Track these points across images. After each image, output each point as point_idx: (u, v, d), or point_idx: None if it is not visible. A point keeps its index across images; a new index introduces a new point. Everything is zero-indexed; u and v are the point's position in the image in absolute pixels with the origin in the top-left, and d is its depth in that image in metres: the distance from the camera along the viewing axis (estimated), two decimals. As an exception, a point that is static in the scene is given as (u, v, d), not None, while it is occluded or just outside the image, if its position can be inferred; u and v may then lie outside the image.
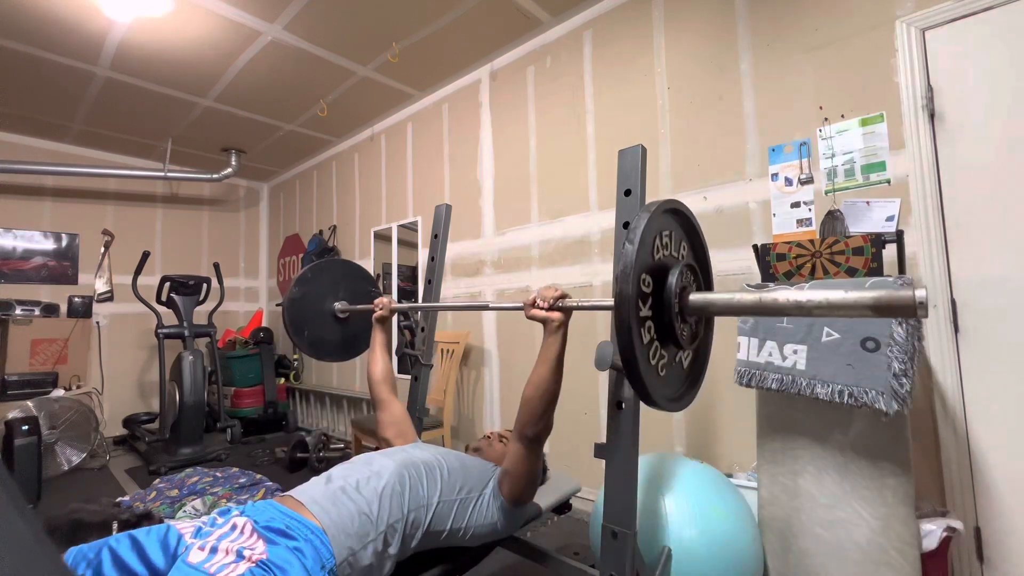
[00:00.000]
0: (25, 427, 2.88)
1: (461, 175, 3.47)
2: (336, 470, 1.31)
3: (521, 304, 1.33)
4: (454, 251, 3.41)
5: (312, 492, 1.20)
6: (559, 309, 1.26)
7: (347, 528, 1.11)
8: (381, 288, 4.17)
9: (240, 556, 0.99)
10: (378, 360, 1.77)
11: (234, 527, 1.07)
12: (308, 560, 1.01)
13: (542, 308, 1.26)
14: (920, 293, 0.69)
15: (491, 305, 1.53)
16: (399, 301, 3.91)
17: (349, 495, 1.18)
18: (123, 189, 4.81)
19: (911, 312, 0.70)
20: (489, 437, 1.69)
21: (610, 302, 1.12)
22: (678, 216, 1.08)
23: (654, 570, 1.29)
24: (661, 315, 0.95)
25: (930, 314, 1.69)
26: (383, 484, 1.22)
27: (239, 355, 4.56)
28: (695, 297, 0.96)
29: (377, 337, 1.81)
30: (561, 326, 1.26)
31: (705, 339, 1.14)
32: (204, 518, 1.14)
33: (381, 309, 1.80)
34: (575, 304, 1.26)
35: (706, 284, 1.12)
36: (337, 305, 1.98)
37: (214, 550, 1.00)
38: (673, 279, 0.95)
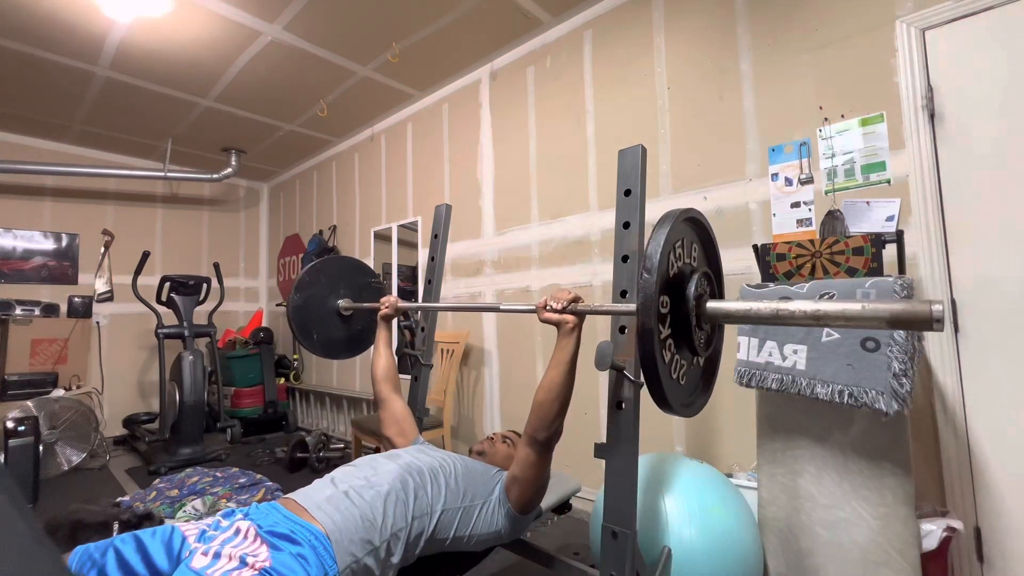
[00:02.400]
0: (21, 427, 2.86)
1: (461, 175, 3.47)
2: (339, 472, 1.30)
3: (532, 306, 1.32)
4: (454, 251, 3.41)
5: (315, 496, 1.18)
6: (574, 312, 1.25)
7: (350, 534, 1.10)
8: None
9: (243, 563, 0.98)
10: (382, 357, 1.77)
11: (237, 531, 1.07)
12: (312, 567, 1.01)
13: (555, 310, 1.25)
14: (937, 308, 0.69)
15: (502, 307, 1.50)
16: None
17: (353, 500, 1.17)
18: (123, 189, 4.81)
19: (927, 326, 0.69)
20: (492, 438, 1.67)
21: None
22: (693, 223, 1.09)
23: (654, 570, 1.29)
24: (679, 325, 0.96)
25: (930, 314, 1.69)
26: (387, 490, 1.21)
27: (239, 355, 4.56)
28: (712, 305, 0.97)
29: (381, 335, 1.81)
30: (575, 328, 1.25)
31: (718, 344, 1.15)
32: (208, 520, 1.14)
33: (387, 307, 1.79)
34: (589, 308, 1.25)
35: (719, 288, 1.13)
36: (341, 303, 1.98)
37: (217, 555, 1.00)
38: (691, 289, 0.95)
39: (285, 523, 1.09)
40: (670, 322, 0.95)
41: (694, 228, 1.09)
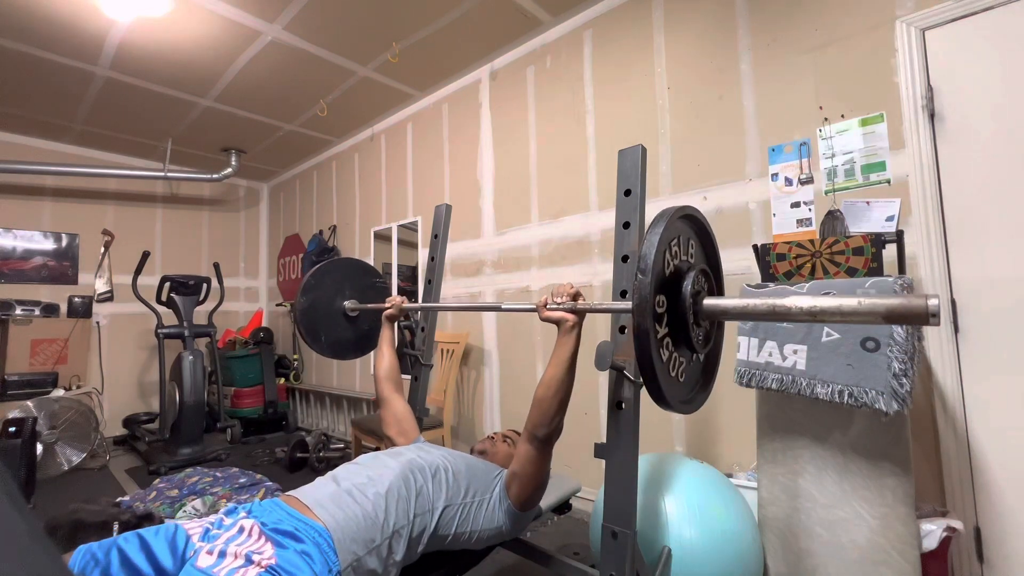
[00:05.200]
0: (12, 428, 2.81)
1: (461, 175, 3.47)
2: (341, 470, 1.30)
3: (533, 305, 1.32)
4: (454, 251, 3.41)
5: (317, 494, 1.18)
6: (573, 311, 1.25)
7: (352, 533, 1.10)
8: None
9: (249, 560, 0.98)
10: (384, 357, 1.77)
11: (241, 529, 1.07)
12: (316, 564, 1.01)
13: (557, 307, 1.25)
14: (933, 302, 0.69)
15: (504, 306, 1.49)
16: (399, 301, 3.92)
17: (355, 498, 1.17)
18: (123, 189, 4.81)
19: (924, 320, 0.70)
20: (493, 438, 1.67)
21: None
22: (690, 220, 1.08)
23: (654, 570, 1.29)
24: (676, 323, 0.95)
25: (930, 314, 1.69)
26: (389, 488, 1.21)
27: (239, 355, 4.56)
28: (709, 303, 0.96)
29: (385, 334, 1.82)
30: (575, 327, 1.25)
31: (718, 341, 1.14)
32: (211, 518, 1.14)
33: (391, 308, 1.80)
34: (589, 307, 1.24)
35: (717, 285, 1.12)
36: (347, 304, 1.98)
37: (223, 554, 1.00)
38: (687, 286, 0.94)
39: (289, 521, 1.10)
40: (667, 320, 0.95)
41: (691, 225, 1.08)
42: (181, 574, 0.97)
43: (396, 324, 1.94)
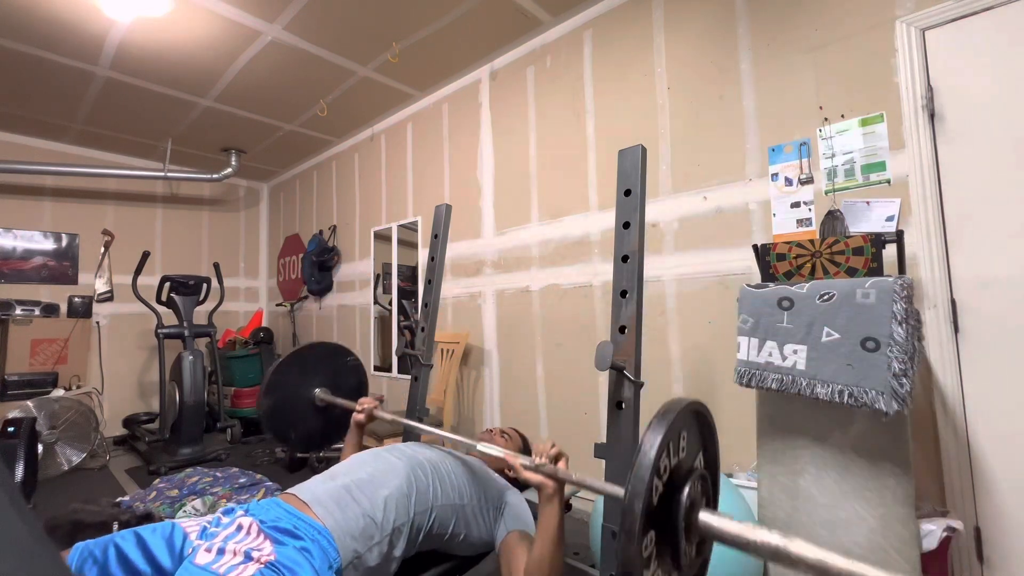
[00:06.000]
0: (12, 428, 2.78)
1: (461, 175, 3.47)
2: (342, 466, 1.30)
3: (503, 454, 1.19)
4: (454, 251, 3.41)
5: (316, 491, 1.18)
6: (554, 477, 1.10)
7: (352, 531, 1.10)
8: (381, 289, 4.17)
9: (248, 557, 0.98)
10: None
11: (240, 527, 1.07)
12: (316, 560, 1.01)
13: (536, 467, 1.11)
14: None
15: (478, 447, 1.26)
16: (399, 301, 3.92)
17: (354, 496, 1.17)
18: (123, 189, 4.81)
19: None
20: (491, 431, 1.67)
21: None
22: (695, 416, 0.91)
23: (654, 570, 1.28)
24: (665, 534, 0.80)
25: (930, 314, 1.69)
26: (390, 486, 1.21)
27: (239, 355, 4.56)
28: (706, 519, 0.80)
29: (350, 439, 1.63)
30: (555, 494, 1.11)
31: (707, 557, 0.91)
32: (209, 517, 1.13)
33: (361, 412, 1.60)
34: (571, 478, 1.07)
35: (714, 491, 0.95)
36: (317, 392, 1.81)
37: (221, 551, 0.99)
38: (684, 496, 0.79)
39: (288, 518, 1.10)
40: (655, 539, 0.79)
41: (695, 420, 0.91)
42: (179, 572, 0.96)
43: (396, 324, 1.90)
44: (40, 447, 3.14)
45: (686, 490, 0.80)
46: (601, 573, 1.17)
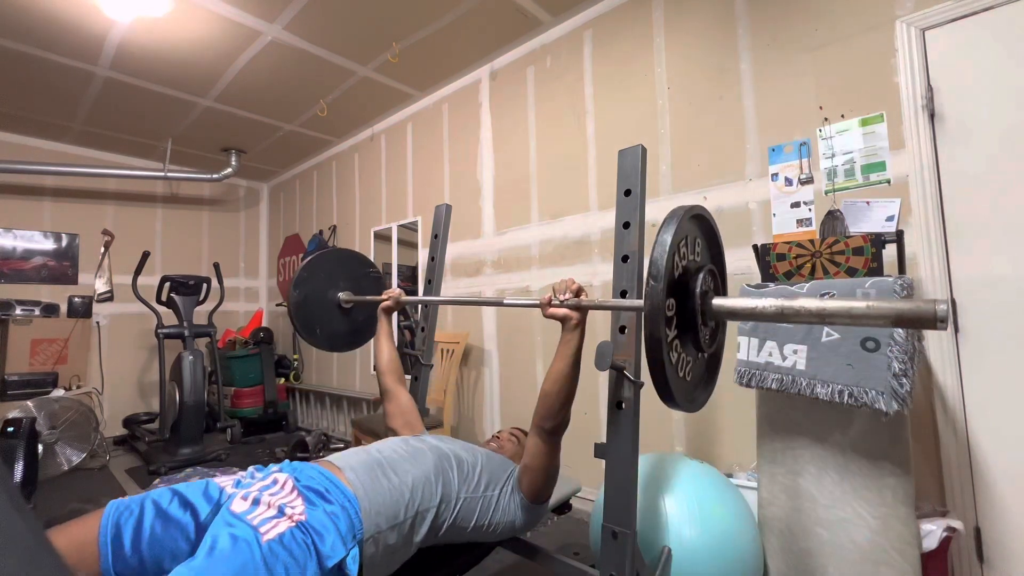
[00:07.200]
0: (12, 428, 2.79)
1: (461, 175, 3.47)
2: (378, 443, 1.33)
3: (536, 301, 1.32)
4: (454, 251, 3.41)
5: (350, 459, 1.21)
6: (577, 308, 1.25)
7: (378, 506, 1.11)
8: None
9: (281, 512, 1.00)
10: (384, 350, 1.76)
11: (275, 481, 1.09)
12: (342, 526, 1.03)
13: (561, 303, 1.25)
14: (942, 307, 0.70)
15: (506, 301, 1.47)
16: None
17: (386, 473, 1.19)
18: (123, 189, 4.81)
19: (932, 325, 0.71)
20: (499, 436, 1.68)
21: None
22: (698, 220, 1.09)
23: (654, 570, 1.29)
24: (685, 324, 0.95)
25: (930, 314, 1.69)
26: (418, 471, 1.22)
27: (239, 355, 4.56)
28: (718, 303, 0.96)
29: (382, 327, 1.79)
30: (579, 324, 1.27)
31: (721, 339, 1.15)
32: (241, 472, 1.16)
33: (388, 300, 1.77)
34: (593, 303, 1.25)
35: (723, 284, 1.13)
36: (341, 296, 1.97)
37: (256, 502, 1.02)
38: (696, 287, 0.95)
39: (320, 480, 1.11)
40: (676, 323, 0.95)
41: (699, 225, 1.09)
42: (217, 517, 0.99)
43: (396, 322, 1.94)
44: (40, 447, 3.14)
45: (700, 277, 0.95)
46: (601, 573, 1.17)
